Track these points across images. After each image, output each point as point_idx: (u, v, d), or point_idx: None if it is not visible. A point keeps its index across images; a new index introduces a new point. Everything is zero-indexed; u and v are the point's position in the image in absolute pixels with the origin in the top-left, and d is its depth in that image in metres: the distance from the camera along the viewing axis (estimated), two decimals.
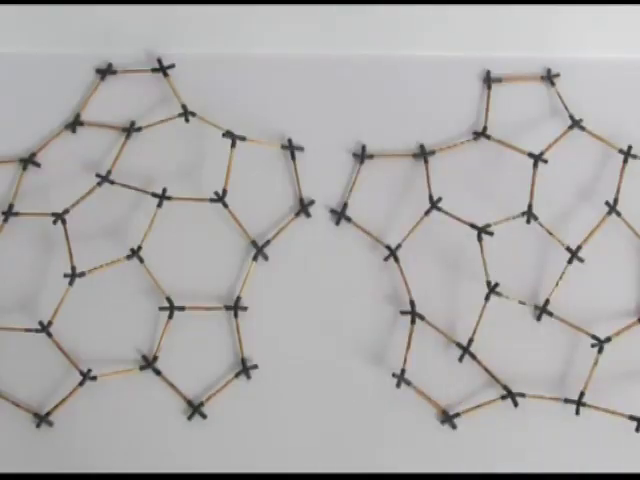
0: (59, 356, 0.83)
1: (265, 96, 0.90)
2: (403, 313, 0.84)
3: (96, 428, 0.83)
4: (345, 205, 0.87)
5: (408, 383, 0.82)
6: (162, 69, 0.91)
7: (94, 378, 0.83)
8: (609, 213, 0.85)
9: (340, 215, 0.87)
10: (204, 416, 0.83)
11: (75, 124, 0.90)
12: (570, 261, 0.84)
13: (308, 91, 0.90)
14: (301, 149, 0.89)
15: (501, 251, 0.84)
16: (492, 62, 0.91)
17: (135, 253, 0.85)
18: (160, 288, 0.85)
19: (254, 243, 0.86)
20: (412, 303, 0.84)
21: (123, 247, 0.86)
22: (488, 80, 0.90)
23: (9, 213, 0.87)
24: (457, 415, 0.82)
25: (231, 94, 0.90)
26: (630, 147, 0.87)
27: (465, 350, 0.83)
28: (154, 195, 0.86)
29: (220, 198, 0.85)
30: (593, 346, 0.82)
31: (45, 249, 0.86)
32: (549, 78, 0.90)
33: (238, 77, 0.91)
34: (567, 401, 0.82)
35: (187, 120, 0.89)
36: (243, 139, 0.86)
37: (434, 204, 0.86)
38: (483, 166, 0.88)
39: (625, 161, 0.87)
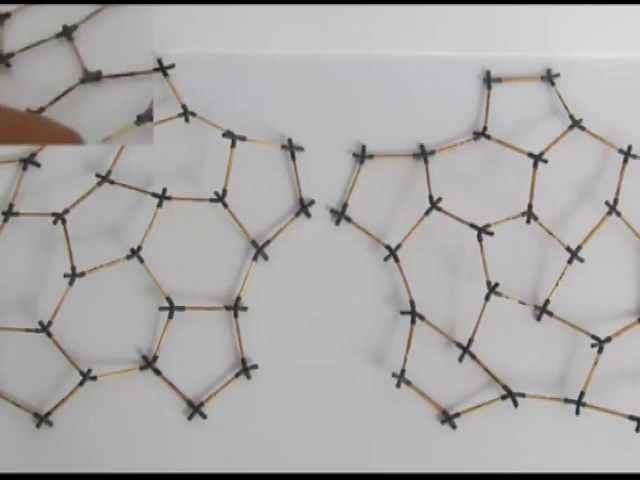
0: (59, 356, 0.83)
1: (265, 96, 0.90)
2: (403, 313, 0.84)
3: (96, 428, 0.83)
4: (345, 205, 0.87)
5: (408, 383, 0.82)
6: (162, 69, 0.90)
7: (94, 378, 0.83)
8: (609, 213, 0.85)
9: (340, 215, 0.87)
10: (204, 416, 0.83)
11: None
12: (570, 261, 0.84)
13: (308, 91, 0.90)
14: (301, 149, 0.89)
15: (501, 251, 0.84)
16: (492, 62, 0.90)
17: (135, 253, 0.85)
18: (160, 288, 0.85)
19: (254, 243, 0.86)
20: (412, 303, 0.84)
21: (123, 247, 0.86)
22: (488, 80, 0.90)
23: (9, 213, 0.87)
24: (457, 415, 0.82)
25: (231, 94, 0.90)
26: (630, 147, 0.87)
27: (465, 350, 0.83)
28: (154, 195, 0.86)
29: (220, 198, 0.85)
30: (593, 346, 0.82)
31: (45, 249, 0.86)
32: (549, 78, 0.90)
33: (238, 77, 0.91)
34: (567, 401, 0.82)
35: (187, 120, 0.89)
36: (243, 139, 0.86)
37: (434, 204, 0.86)
38: (483, 166, 0.88)
39: (625, 161, 0.87)
